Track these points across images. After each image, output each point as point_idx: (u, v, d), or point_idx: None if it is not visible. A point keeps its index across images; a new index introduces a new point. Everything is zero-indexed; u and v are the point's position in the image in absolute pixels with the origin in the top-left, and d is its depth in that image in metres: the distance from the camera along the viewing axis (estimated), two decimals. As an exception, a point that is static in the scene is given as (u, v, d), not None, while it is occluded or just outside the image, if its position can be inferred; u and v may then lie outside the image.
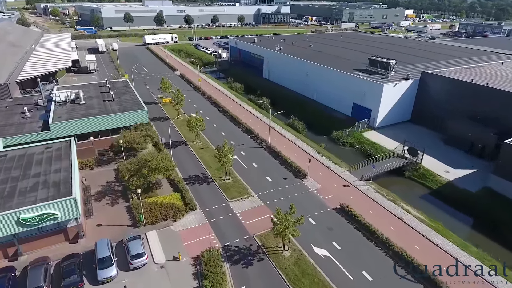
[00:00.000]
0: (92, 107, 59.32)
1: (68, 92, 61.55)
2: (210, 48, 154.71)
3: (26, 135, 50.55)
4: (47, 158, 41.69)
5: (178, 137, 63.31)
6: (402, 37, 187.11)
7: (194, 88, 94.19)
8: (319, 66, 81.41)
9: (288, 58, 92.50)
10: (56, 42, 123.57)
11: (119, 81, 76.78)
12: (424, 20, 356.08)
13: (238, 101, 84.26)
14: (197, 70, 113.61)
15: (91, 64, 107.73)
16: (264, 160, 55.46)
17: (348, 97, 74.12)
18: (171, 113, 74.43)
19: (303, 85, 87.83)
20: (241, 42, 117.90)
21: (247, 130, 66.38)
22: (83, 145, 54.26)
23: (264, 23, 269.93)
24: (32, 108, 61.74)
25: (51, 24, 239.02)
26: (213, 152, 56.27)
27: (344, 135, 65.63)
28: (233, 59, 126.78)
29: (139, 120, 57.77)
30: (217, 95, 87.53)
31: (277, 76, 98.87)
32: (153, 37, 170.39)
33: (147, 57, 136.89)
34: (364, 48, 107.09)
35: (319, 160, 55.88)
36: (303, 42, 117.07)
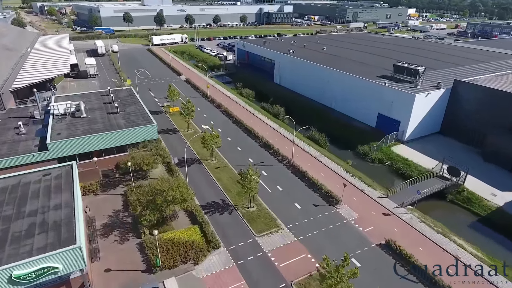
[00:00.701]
0: (94, 121, 53.12)
1: (67, 104, 55.33)
2: (215, 49, 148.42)
3: (20, 157, 44.40)
4: (45, 189, 35.54)
5: (190, 153, 57.18)
6: (410, 37, 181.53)
7: (202, 95, 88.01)
8: (340, 73, 75.44)
9: (303, 63, 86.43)
10: (53, 44, 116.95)
11: (123, 89, 70.58)
12: (428, 19, 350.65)
13: (250, 110, 78.19)
14: (203, 74, 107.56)
15: (91, 68, 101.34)
16: (289, 182, 49.48)
17: (372, 107, 68.26)
18: (179, 124, 68.30)
19: (320, 92, 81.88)
20: (249, 44, 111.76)
21: (265, 145, 60.37)
22: (86, 165, 48.20)
23: (266, 23, 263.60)
24: (27, 121, 55.57)
25: (47, 24, 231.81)
26: (230, 172, 50.56)
27: (372, 150, 59.75)
28: (240, 62, 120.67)
29: (147, 136, 51.79)
30: (227, 103, 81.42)
31: (290, 82, 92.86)
32: (162, 37, 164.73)
33: (150, 60, 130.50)
34: (381, 51, 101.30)
35: (350, 181, 49.98)
36: (315, 44, 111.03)
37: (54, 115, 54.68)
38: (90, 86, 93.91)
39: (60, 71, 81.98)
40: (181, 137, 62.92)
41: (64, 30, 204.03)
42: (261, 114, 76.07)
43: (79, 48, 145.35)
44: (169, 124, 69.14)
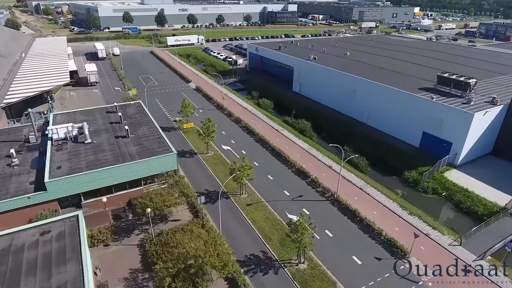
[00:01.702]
0: (101, 149, 44.49)
1: (68, 128, 46.62)
2: (222, 52, 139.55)
3: (12, 200, 35.80)
4: (44, 257, 26.99)
5: (212, 183, 48.70)
6: (425, 39, 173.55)
7: (216, 107, 79.36)
8: (374, 84, 67.06)
9: (328, 71, 77.95)
10: (50, 47, 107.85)
11: (131, 104, 61.86)
12: (434, 18, 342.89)
13: (273, 125, 69.70)
14: (213, 80, 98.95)
15: (92, 75, 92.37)
16: (338, 225, 41.14)
17: (415, 124, 60.02)
18: (196, 144, 59.77)
19: (348, 104, 73.57)
20: (263, 48, 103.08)
21: (300, 172, 51.96)
22: (92, 205, 39.80)
23: (271, 22, 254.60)
24: (21, 147, 46.95)
25: (43, 24, 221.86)
26: (266, 211, 42.45)
27: (423, 177, 51.49)
28: (252, 67, 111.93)
29: (166, 167, 43.35)
30: (246, 117, 72.91)
31: (312, 91, 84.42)
32: (176, 38, 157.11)
33: (154, 64, 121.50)
34: (409, 57, 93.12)
35: (409, 221, 41.73)
36: (335, 49, 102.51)
37: (53, 140, 46.00)
38: (91, 96, 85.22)
39: (58, 81, 73.08)
40: (201, 162, 54.33)
41: (60, 31, 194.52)
42: (286, 130, 67.58)
43: (77, 51, 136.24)
44: (184, 144, 60.52)
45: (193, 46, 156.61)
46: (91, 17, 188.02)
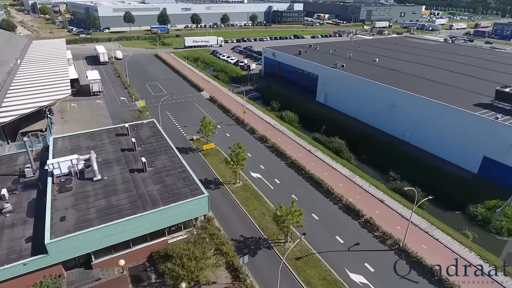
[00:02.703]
0: (114, 189, 36.01)
1: (73, 161, 38.08)
2: (232, 55, 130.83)
3: (3, 270, 27.36)
4: None
5: (247, 225, 40.38)
6: (442, 40, 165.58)
7: (235, 121, 70.85)
8: (421, 99, 58.82)
9: (362, 81, 69.64)
10: (48, 51, 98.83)
11: (144, 124, 53.23)
12: (441, 17, 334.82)
13: (303, 144, 61.34)
14: (226, 88, 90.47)
15: (95, 84, 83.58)
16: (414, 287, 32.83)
17: (473, 147, 51.92)
18: (221, 171, 51.35)
19: (387, 119, 65.37)
20: (281, 54, 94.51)
21: (349, 209, 43.64)
22: (105, 264, 31.45)
23: (276, 22, 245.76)
24: (15, 184, 38.51)
25: (40, 24, 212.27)
26: (320, 268, 33.84)
27: (495, 214, 43.34)
28: (266, 73, 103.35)
29: (195, 213, 35.05)
30: (271, 134, 64.54)
31: (341, 103, 76.08)
32: (195, 39, 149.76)
33: (161, 69, 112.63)
34: (444, 64, 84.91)
35: (499, 281, 33.45)
36: (360, 54, 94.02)
37: (54, 176, 37.50)
38: (95, 108, 76.58)
39: (58, 93, 64.26)
40: (229, 196, 45.92)
41: (58, 31, 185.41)
42: (319, 151, 59.19)
43: (77, 53, 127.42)
44: (206, 170, 52.05)
45: (199, 48, 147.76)
46: (91, 17, 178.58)
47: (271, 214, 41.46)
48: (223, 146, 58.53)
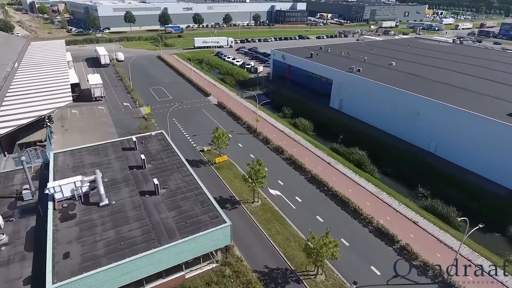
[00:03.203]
0: (124, 217, 31.82)
1: (76, 183, 33.85)
2: (237, 57, 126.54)
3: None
4: None
5: (271, 253, 36.25)
6: (451, 41, 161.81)
7: (247, 129, 66.68)
8: (448, 108, 54.67)
9: (382, 87, 65.52)
10: (47, 54, 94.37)
11: (152, 136, 48.95)
12: (444, 17, 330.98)
13: (322, 156, 57.27)
14: (234, 92, 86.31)
15: (97, 89, 79.28)
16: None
17: (510, 161, 47.77)
18: (236, 188, 47.19)
19: (409, 128, 61.32)
20: (291, 56, 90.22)
21: (380, 233, 39.56)
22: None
23: (280, 22, 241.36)
24: (11, 210, 34.31)
25: (39, 24, 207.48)
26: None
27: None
28: (275, 76, 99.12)
29: (216, 244, 30.96)
30: (287, 144, 60.44)
31: (357, 110, 71.96)
32: (205, 39, 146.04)
33: (164, 72, 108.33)
34: (465, 68, 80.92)
35: None
36: (375, 57, 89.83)
37: (56, 200, 33.30)
38: (97, 114, 72.32)
39: (58, 101, 59.90)
40: (249, 218, 41.75)
41: (57, 31, 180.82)
42: (340, 163, 55.07)
43: (76, 55, 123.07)
44: (220, 186, 47.85)
45: (203, 49, 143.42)
46: (90, 17, 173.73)
47: (296, 240, 37.56)
48: (236, 158, 54.49)
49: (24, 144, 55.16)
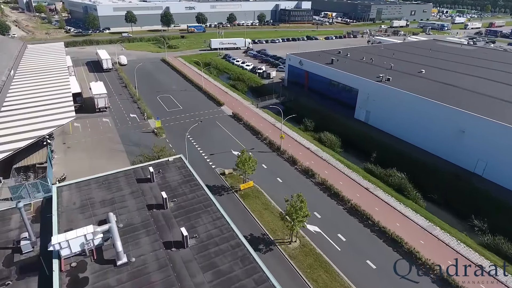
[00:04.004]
0: (148, 282, 25.39)
1: (87, 235, 27.37)
2: (245, 60, 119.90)
3: None
4: None
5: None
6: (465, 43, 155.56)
7: (269, 146, 60.37)
8: (502, 126, 48.40)
9: (419, 100, 59.20)
10: (45, 59, 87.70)
11: (169, 162, 42.38)
12: (450, 16, 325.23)
13: (358, 180, 51.07)
14: (249, 101, 79.93)
15: (101, 99, 72.70)
16: None
17: None
18: (266, 221, 41.02)
19: (450, 145, 55.32)
20: (310, 63, 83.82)
21: (447, 284, 33.22)
22: None
23: (284, 21, 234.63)
24: (8, 269, 27.78)
25: (36, 24, 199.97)
26: None
27: None
28: (291, 82, 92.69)
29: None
30: (315, 164, 54.27)
31: (387, 123, 65.78)
32: (221, 41, 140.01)
33: (171, 77, 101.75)
34: (502, 76, 74.53)
35: None
36: (400, 63, 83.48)
37: (63, 258, 26.88)
38: (102, 129, 65.88)
39: (60, 118, 53.27)
40: (288, 265, 35.43)
41: (55, 32, 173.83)
42: (379, 188, 48.93)
43: (76, 58, 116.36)
44: (250, 221, 41.57)
45: (209, 52, 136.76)
46: (90, 16, 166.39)
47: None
48: (262, 182, 48.33)
49: (22, 168, 48.76)
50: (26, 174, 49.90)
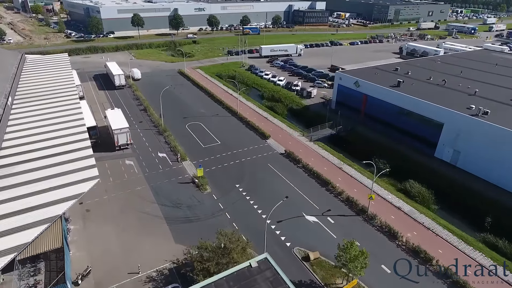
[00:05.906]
0: None
1: None
2: (275, 73, 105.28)
3: None
4: None
5: None
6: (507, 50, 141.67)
7: (347, 205, 46.36)
8: None
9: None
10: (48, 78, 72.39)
11: (253, 269, 28.23)
12: (467, 16, 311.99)
13: (480, 260, 37.14)
14: (297, 131, 66.06)
15: (122, 135, 58.32)
16: None
17: None
18: None
19: None
20: (369, 84, 69.61)
21: None
22: None
23: (298, 23, 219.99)
24: None
25: (33, 27, 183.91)
26: None
27: None
28: (340, 104, 78.25)
29: None
30: (419, 235, 40.38)
31: (486, 168, 52.04)
32: (272, 47, 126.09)
33: (196, 97, 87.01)
34: None
35: None
36: (476, 85, 69.51)
37: None
38: (126, 177, 51.67)
39: (80, 180, 38.43)
40: None
41: (55, 36, 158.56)
42: None
43: (81, 69, 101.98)
44: None
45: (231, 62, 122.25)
46: (93, 20, 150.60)
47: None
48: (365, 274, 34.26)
49: (28, 258, 34.67)
50: (34, 265, 35.90)
